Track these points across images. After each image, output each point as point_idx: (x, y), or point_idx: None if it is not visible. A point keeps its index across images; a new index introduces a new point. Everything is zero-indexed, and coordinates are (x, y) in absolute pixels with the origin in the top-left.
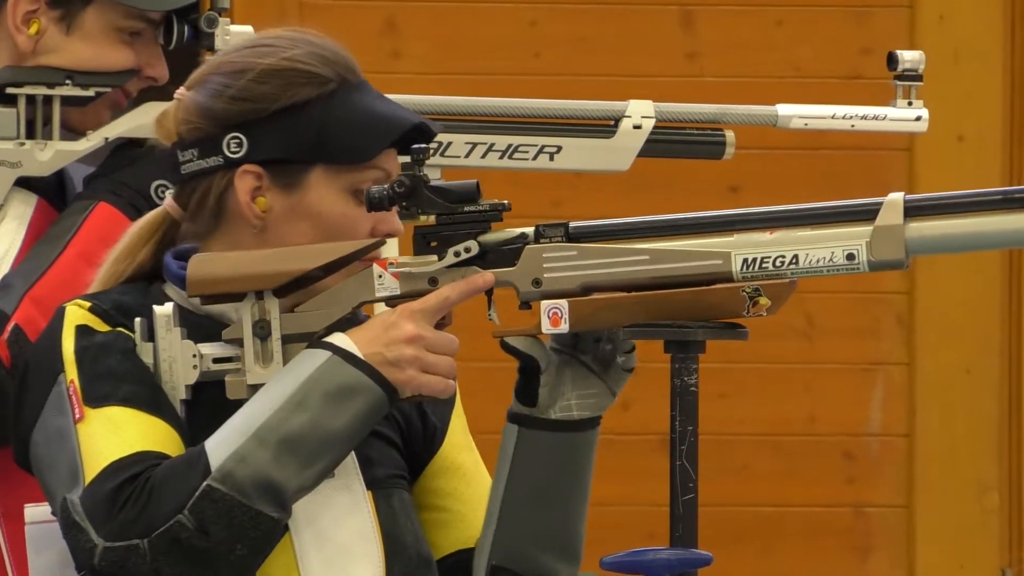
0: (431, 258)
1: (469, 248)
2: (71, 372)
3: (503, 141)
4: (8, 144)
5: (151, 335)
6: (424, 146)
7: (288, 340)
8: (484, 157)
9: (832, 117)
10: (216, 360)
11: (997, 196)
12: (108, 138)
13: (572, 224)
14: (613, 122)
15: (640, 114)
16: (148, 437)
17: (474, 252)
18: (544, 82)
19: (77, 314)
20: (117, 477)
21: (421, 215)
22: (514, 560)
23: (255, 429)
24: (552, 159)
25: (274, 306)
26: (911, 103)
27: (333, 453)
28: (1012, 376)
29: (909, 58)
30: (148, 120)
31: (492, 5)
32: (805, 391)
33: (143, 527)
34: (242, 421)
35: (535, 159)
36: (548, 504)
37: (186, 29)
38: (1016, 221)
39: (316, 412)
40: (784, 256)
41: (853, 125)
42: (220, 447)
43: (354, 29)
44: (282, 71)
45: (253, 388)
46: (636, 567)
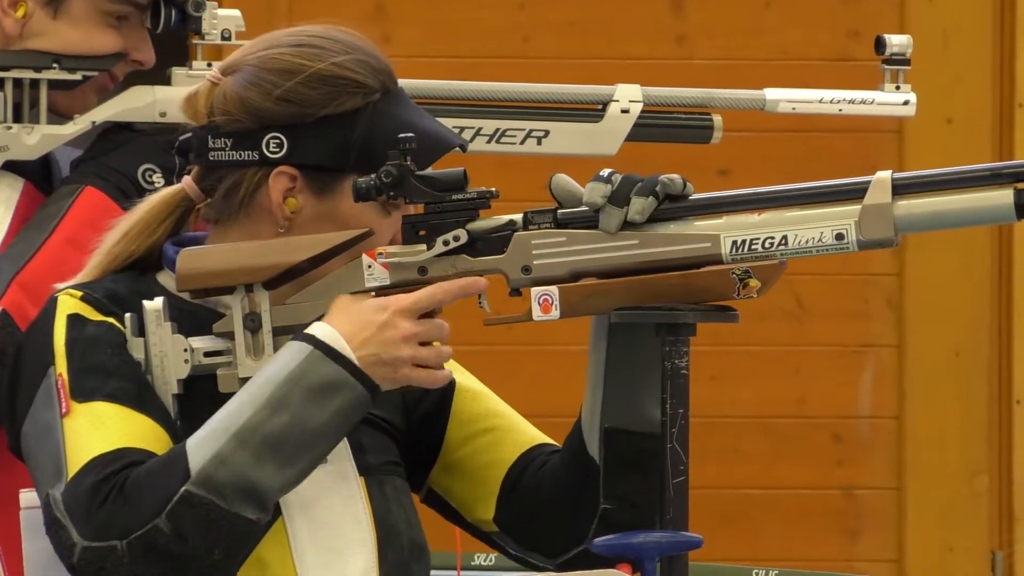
0: (420, 247)
1: (458, 237)
2: (60, 365)
3: (491, 125)
4: None
5: (142, 330)
6: (411, 135)
7: (279, 333)
8: (472, 141)
9: (820, 101)
10: (207, 354)
11: (985, 172)
12: (95, 122)
13: (560, 211)
14: (601, 106)
15: (628, 98)
16: (132, 434)
17: (463, 240)
18: (534, 66)
19: (69, 303)
20: (96, 474)
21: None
22: (626, 419)
23: (235, 429)
24: (540, 143)
25: (264, 299)
26: (899, 87)
27: (315, 451)
28: (1002, 358)
29: (897, 42)
30: (135, 104)
31: None
32: (795, 373)
33: (121, 528)
34: (222, 421)
35: (523, 143)
36: (651, 359)
37: (173, 13)
38: (1004, 197)
39: (297, 410)
40: (773, 237)
41: (841, 109)
42: (200, 448)
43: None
44: (332, 78)
45: (245, 381)
46: (626, 549)
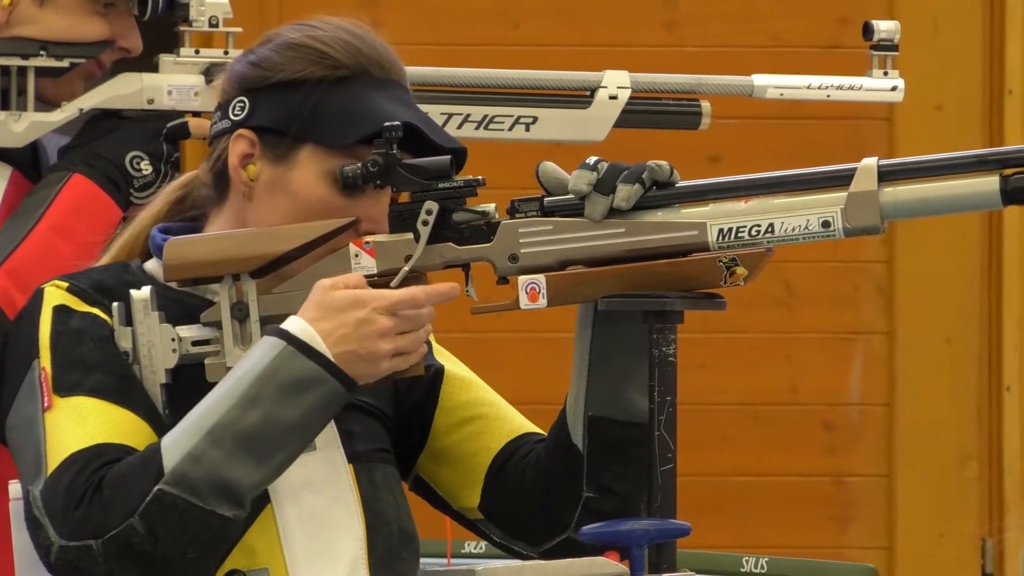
0: (407, 235)
1: (430, 210)
2: (44, 359)
3: (479, 112)
4: None
5: (129, 319)
6: (397, 123)
7: (267, 321)
8: (460, 128)
9: (808, 87)
10: (195, 343)
11: (971, 159)
12: (83, 109)
13: (547, 199)
14: (589, 92)
15: (616, 84)
16: (112, 429)
17: (435, 212)
18: (524, 52)
19: (55, 294)
20: (73, 471)
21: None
22: (609, 407)
23: (209, 427)
24: (528, 130)
25: (251, 288)
26: (887, 73)
27: (290, 446)
28: (992, 345)
29: (885, 28)
30: (123, 91)
31: None
32: (785, 361)
33: (96, 527)
34: (196, 419)
35: (511, 130)
36: (635, 347)
37: (160, 1)
38: (990, 183)
39: (270, 406)
40: (760, 225)
41: (829, 95)
42: (174, 446)
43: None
44: (299, 46)
45: None
46: (615, 537)
